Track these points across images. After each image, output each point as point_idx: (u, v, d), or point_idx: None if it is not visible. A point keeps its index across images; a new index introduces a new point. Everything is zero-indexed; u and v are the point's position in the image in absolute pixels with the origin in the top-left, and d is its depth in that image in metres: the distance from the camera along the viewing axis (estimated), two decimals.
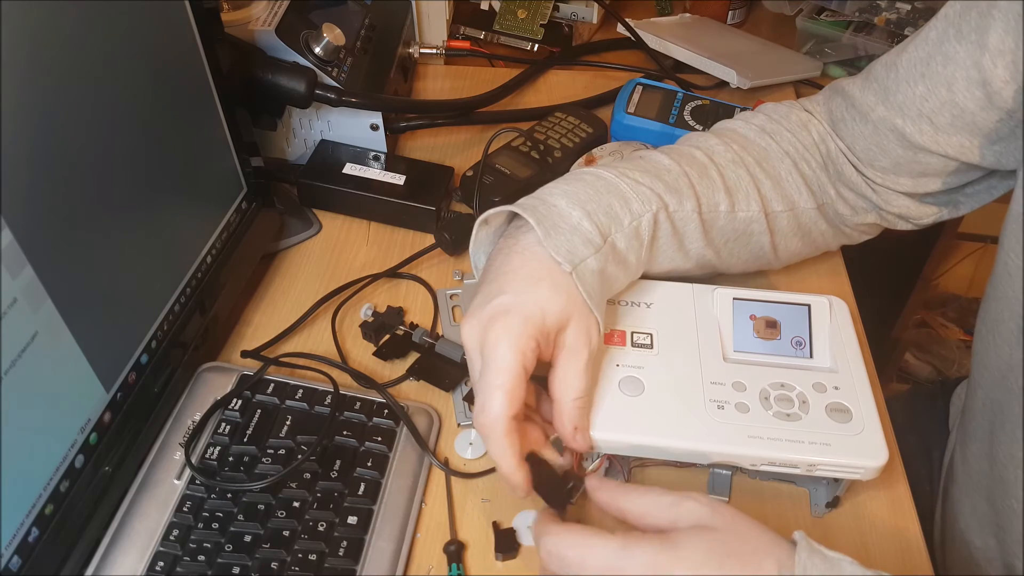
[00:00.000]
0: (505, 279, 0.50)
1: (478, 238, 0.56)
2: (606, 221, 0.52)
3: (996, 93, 0.51)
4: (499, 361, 0.46)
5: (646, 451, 0.52)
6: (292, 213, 0.75)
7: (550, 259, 0.50)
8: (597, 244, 0.51)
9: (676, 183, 0.56)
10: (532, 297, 0.48)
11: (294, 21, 0.72)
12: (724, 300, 0.57)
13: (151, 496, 0.52)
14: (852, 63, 1.03)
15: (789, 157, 0.61)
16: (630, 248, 0.54)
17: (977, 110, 0.52)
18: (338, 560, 0.50)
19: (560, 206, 0.52)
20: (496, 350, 0.46)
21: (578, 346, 0.49)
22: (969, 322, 1.65)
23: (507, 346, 0.46)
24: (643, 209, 0.54)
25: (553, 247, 0.50)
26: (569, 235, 0.51)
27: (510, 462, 0.47)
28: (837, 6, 1.01)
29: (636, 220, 0.53)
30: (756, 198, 0.59)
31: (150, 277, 0.54)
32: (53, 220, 0.43)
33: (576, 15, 1.03)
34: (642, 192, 0.54)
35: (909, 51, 0.56)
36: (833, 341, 0.55)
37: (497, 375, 0.46)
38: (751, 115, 0.65)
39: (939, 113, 0.54)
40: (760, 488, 0.56)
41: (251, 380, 0.58)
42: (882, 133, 0.58)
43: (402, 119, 0.81)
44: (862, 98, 0.59)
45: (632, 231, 0.53)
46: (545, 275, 0.49)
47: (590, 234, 0.51)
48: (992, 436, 0.55)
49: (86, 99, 0.45)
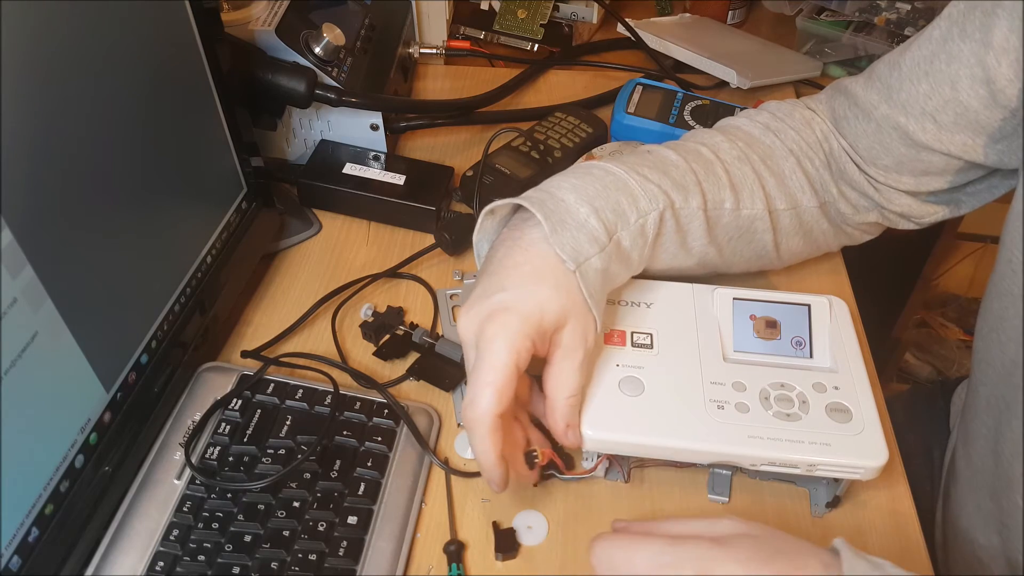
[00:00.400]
0: (506, 274, 0.50)
1: (483, 227, 0.55)
2: (613, 219, 0.52)
3: (1000, 91, 0.51)
4: (493, 358, 0.46)
5: (646, 451, 0.52)
6: (292, 213, 0.75)
7: (554, 256, 0.50)
8: (603, 242, 0.51)
9: (683, 180, 0.56)
10: (532, 295, 0.48)
11: (294, 21, 0.72)
12: (724, 300, 0.57)
13: (151, 496, 0.52)
14: (852, 63, 1.03)
15: (793, 155, 0.61)
16: (634, 246, 0.53)
17: (980, 108, 0.52)
18: (338, 560, 0.50)
19: (568, 201, 0.52)
20: (491, 346, 0.47)
21: (574, 345, 0.49)
22: (969, 322, 1.65)
23: (502, 344, 0.46)
24: (650, 207, 0.53)
25: (558, 244, 0.50)
26: (575, 232, 0.51)
27: (491, 458, 0.47)
28: (837, 6, 1.01)
29: (642, 218, 0.53)
30: (760, 195, 0.59)
31: (150, 277, 0.54)
32: (53, 220, 0.43)
33: (576, 15, 1.03)
34: (650, 189, 0.54)
35: (913, 50, 0.56)
36: (833, 341, 0.55)
37: (489, 372, 0.46)
38: (755, 112, 0.65)
39: (942, 111, 0.54)
40: (760, 488, 0.56)
41: (251, 380, 0.58)
42: (885, 131, 0.58)
43: (402, 119, 0.81)
44: (865, 96, 0.59)
45: (638, 229, 0.53)
46: (547, 273, 0.49)
47: (596, 232, 0.51)
48: (997, 433, 0.55)
49: (86, 99, 0.45)
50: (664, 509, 0.54)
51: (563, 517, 0.54)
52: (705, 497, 0.55)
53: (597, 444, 0.52)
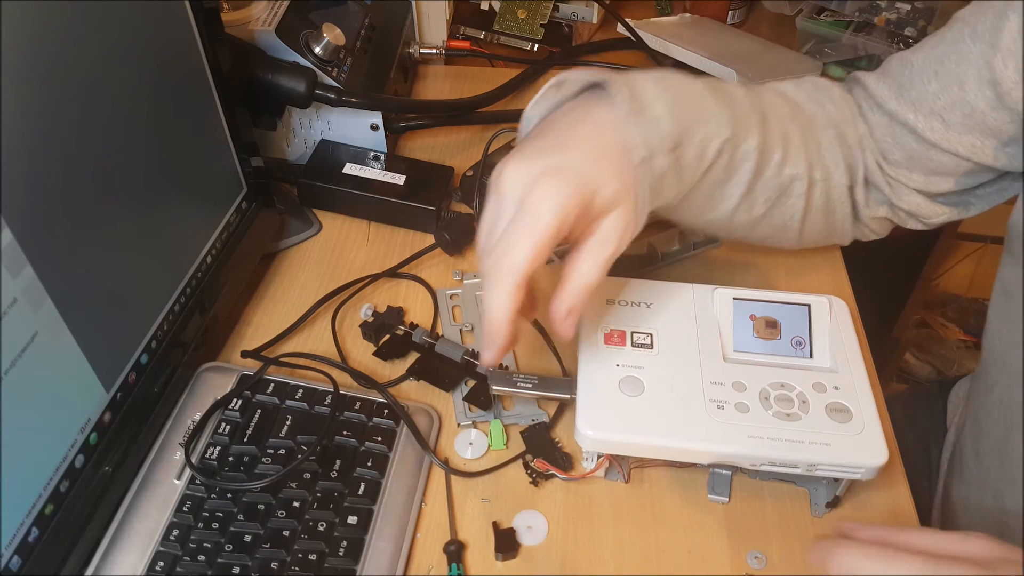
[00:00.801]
0: (570, 139, 0.47)
1: (545, 97, 0.52)
2: (682, 129, 0.50)
3: (1006, 94, 0.51)
4: (540, 217, 0.44)
5: (646, 451, 0.52)
6: (292, 213, 0.75)
7: (622, 141, 0.47)
8: (669, 147, 0.49)
9: (747, 117, 0.54)
10: (593, 169, 0.46)
11: (294, 21, 0.72)
12: (724, 300, 0.57)
13: (151, 496, 0.52)
14: (852, 63, 1.03)
15: (833, 127, 0.60)
16: (689, 167, 0.51)
17: (988, 110, 0.52)
18: (338, 560, 0.50)
19: (647, 94, 0.49)
20: (540, 205, 0.44)
21: (611, 237, 0.46)
22: (969, 322, 1.65)
23: (552, 205, 0.44)
24: (715, 132, 0.51)
25: (633, 130, 0.47)
26: (649, 126, 0.48)
27: (506, 314, 0.45)
28: (837, 6, 1.01)
29: (706, 140, 0.51)
30: (803, 158, 0.57)
31: (150, 277, 0.54)
32: (53, 220, 0.43)
33: (576, 15, 1.03)
34: (720, 115, 0.52)
35: (925, 49, 0.56)
36: (833, 341, 0.55)
37: (533, 229, 0.44)
38: (798, 81, 0.63)
39: (950, 111, 0.54)
40: (760, 488, 0.56)
41: (251, 380, 0.58)
42: (896, 125, 0.58)
43: (402, 119, 0.81)
44: (877, 90, 0.59)
45: (699, 150, 0.51)
46: (613, 154, 0.47)
47: (667, 134, 0.49)
48: (1008, 433, 0.55)
49: (86, 99, 0.45)
50: (664, 509, 0.54)
51: (563, 517, 0.54)
52: (705, 497, 0.55)
53: (597, 444, 0.52)
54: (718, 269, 0.72)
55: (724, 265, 0.72)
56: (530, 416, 0.59)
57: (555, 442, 0.57)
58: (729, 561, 0.52)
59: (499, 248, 0.45)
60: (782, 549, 0.52)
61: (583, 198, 0.45)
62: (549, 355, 0.63)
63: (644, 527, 0.54)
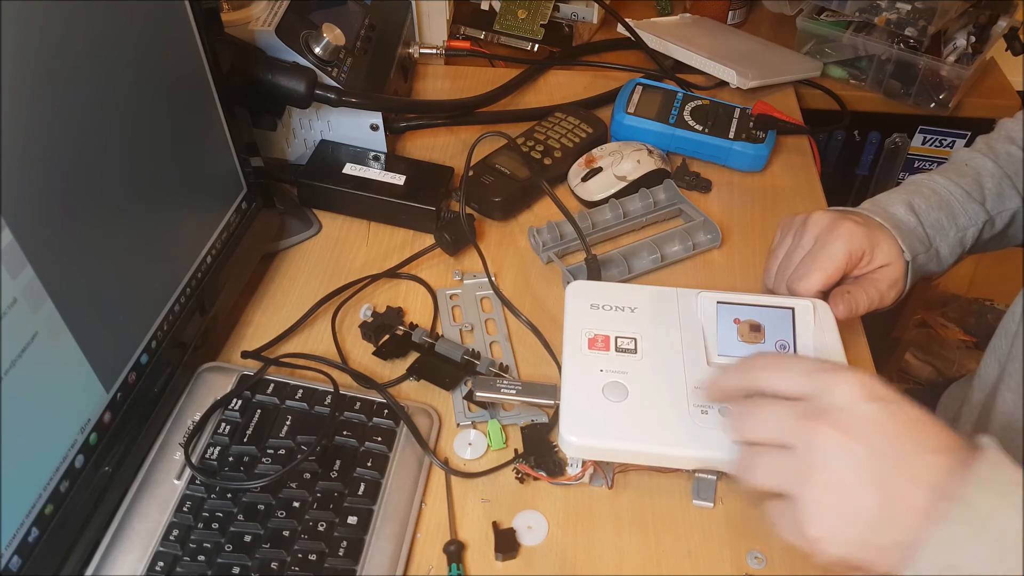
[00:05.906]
0: (875, 209, 0.63)
1: None
2: (933, 232, 0.63)
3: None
4: (835, 252, 0.58)
5: (629, 457, 0.52)
6: (292, 213, 0.75)
7: (897, 244, 0.61)
8: (925, 247, 0.63)
9: (999, 191, 0.65)
10: (876, 233, 0.60)
11: (294, 21, 0.72)
12: (708, 304, 0.57)
13: (151, 496, 0.52)
14: (852, 63, 1.03)
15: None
16: (952, 253, 0.64)
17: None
18: (338, 560, 0.50)
19: (899, 215, 0.63)
20: (836, 242, 0.58)
21: (884, 282, 0.60)
22: (969, 322, 1.65)
23: (845, 244, 0.58)
24: (968, 223, 0.64)
25: (901, 238, 0.61)
26: (909, 235, 0.62)
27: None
28: (837, 6, 1.01)
29: (961, 232, 0.64)
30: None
31: (150, 277, 0.54)
32: (53, 220, 0.43)
33: (576, 15, 1.03)
34: (971, 208, 0.64)
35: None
36: (817, 344, 0.55)
37: (827, 261, 0.58)
38: (1015, 119, 0.70)
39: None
40: (747, 492, 0.56)
41: (251, 380, 0.58)
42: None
43: (402, 119, 0.81)
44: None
45: (956, 240, 0.64)
46: (890, 237, 0.61)
47: (923, 238, 0.63)
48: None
49: (86, 99, 0.45)
50: (664, 509, 0.54)
51: (563, 517, 0.54)
52: (690, 502, 0.55)
53: (580, 450, 0.52)
54: (718, 270, 0.72)
55: (724, 266, 0.72)
56: (529, 417, 0.59)
57: (552, 445, 0.57)
58: (729, 561, 0.52)
59: (795, 273, 0.59)
60: (782, 549, 0.52)
61: (862, 249, 0.59)
62: (549, 360, 0.63)
63: (644, 527, 0.54)
